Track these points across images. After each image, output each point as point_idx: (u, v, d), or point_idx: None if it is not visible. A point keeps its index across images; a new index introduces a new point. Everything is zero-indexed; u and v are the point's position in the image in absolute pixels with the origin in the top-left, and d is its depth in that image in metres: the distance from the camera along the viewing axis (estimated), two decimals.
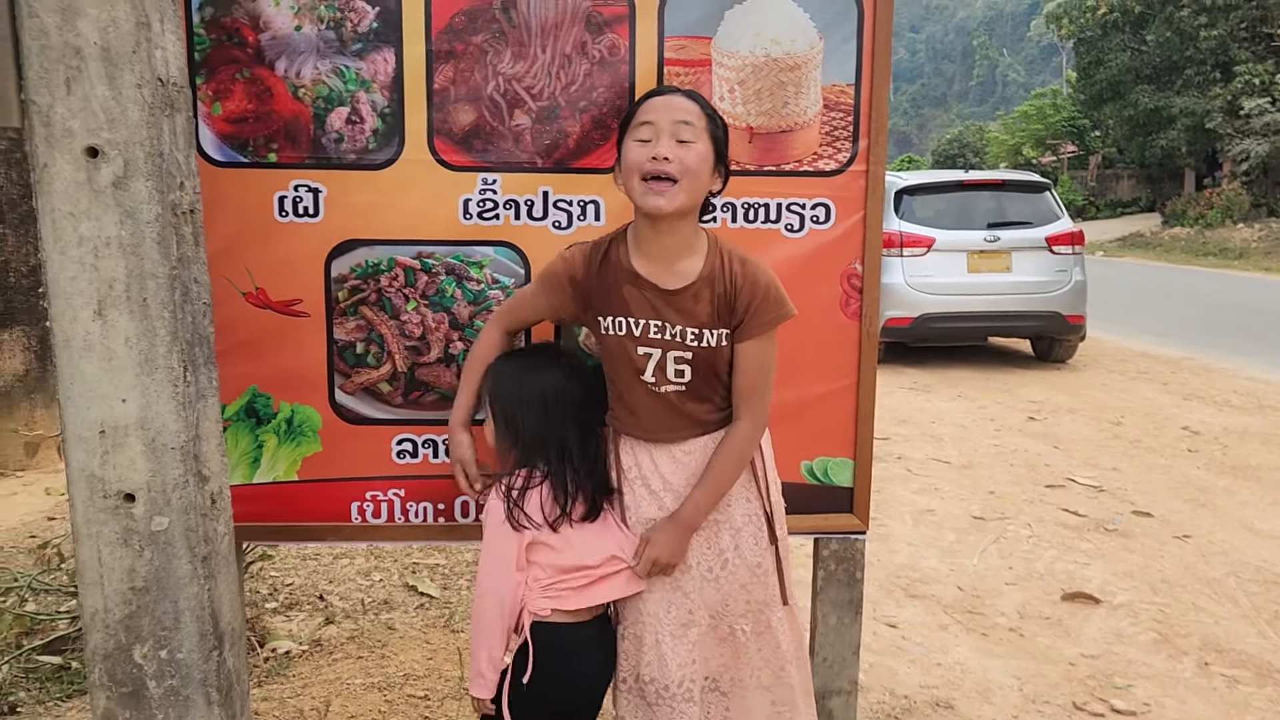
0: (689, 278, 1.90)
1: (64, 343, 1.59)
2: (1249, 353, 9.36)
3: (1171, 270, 19.33)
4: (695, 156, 1.82)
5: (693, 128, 1.82)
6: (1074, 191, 33.35)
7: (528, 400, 1.96)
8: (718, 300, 1.90)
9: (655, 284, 1.91)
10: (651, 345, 1.92)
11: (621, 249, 1.94)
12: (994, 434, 6.52)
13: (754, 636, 2.03)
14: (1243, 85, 25.73)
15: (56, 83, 1.54)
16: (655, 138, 1.81)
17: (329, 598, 3.62)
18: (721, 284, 1.90)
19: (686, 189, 1.81)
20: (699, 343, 1.91)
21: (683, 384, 1.95)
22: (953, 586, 3.94)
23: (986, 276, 8.56)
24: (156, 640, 1.68)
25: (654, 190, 1.80)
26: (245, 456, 2.20)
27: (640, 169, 1.81)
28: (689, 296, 1.90)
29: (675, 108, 1.83)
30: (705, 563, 2.00)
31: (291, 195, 2.12)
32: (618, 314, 1.93)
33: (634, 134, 1.84)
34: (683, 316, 1.91)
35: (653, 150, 1.80)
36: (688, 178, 1.81)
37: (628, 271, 1.92)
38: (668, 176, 1.79)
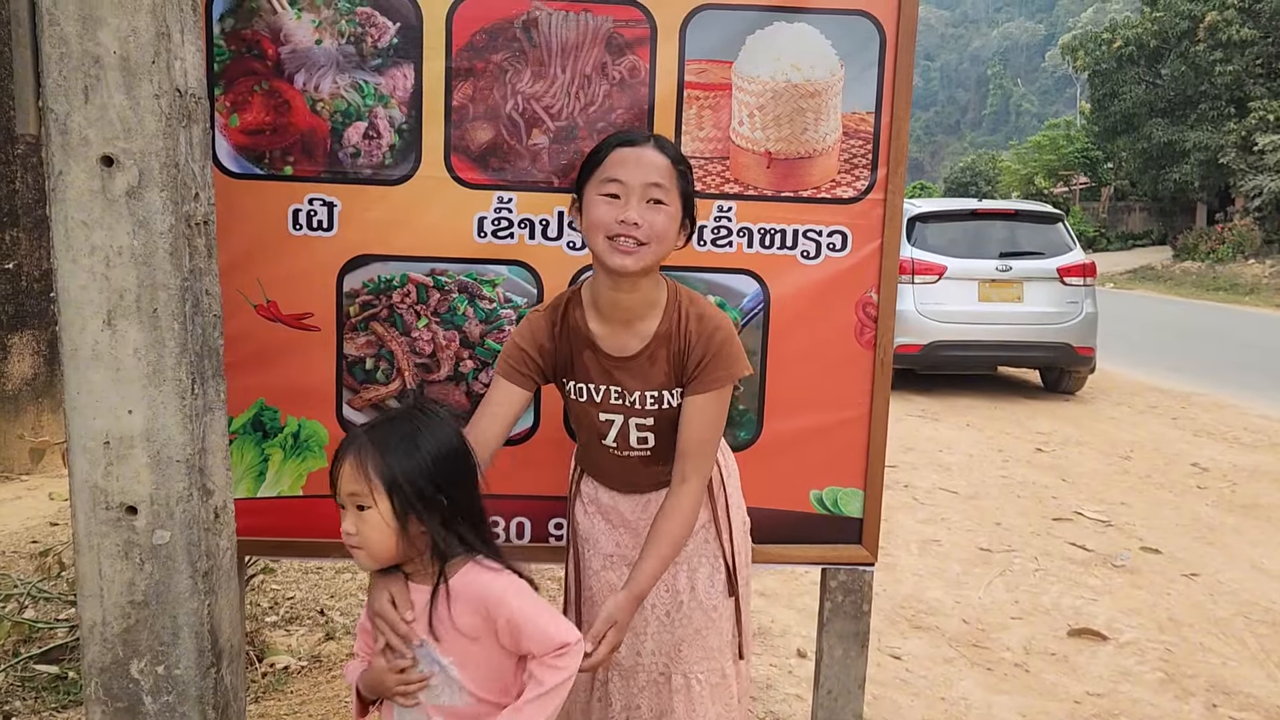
0: (644, 340, 1.83)
1: (72, 352, 1.58)
2: (1260, 389, 9.30)
3: (1182, 304, 19.28)
4: (665, 219, 1.74)
5: (664, 189, 1.73)
6: (1085, 223, 33.36)
7: None
8: (673, 359, 1.83)
9: (610, 353, 1.84)
10: (613, 411, 1.87)
11: (578, 311, 1.86)
12: (1001, 465, 6.48)
13: (709, 688, 1.94)
14: (1257, 121, 25.74)
15: (75, 91, 1.53)
16: (625, 197, 1.71)
17: (330, 613, 3.59)
18: (677, 341, 1.83)
19: (654, 252, 1.74)
20: (659, 406, 1.85)
21: (646, 450, 1.90)
22: (958, 619, 3.89)
23: (997, 306, 8.54)
24: (154, 655, 1.65)
25: (620, 250, 1.71)
26: (251, 470, 2.18)
27: (606, 229, 1.72)
28: (644, 359, 1.83)
29: (647, 166, 1.73)
30: (661, 604, 1.94)
31: (306, 209, 2.11)
32: (579, 380, 1.88)
33: (600, 187, 1.74)
34: (639, 381, 1.84)
35: (621, 212, 1.71)
36: (657, 241, 1.73)
37: (585, 337, 1.85)
38: (636, 240, 1.71)
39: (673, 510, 1.81)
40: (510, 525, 2.23)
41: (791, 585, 4.15)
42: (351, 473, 1.51)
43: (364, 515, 1.52)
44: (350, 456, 1.52)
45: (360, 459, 1.51)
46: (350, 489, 1.52)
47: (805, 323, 2.22)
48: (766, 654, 3.49)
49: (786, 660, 3.45)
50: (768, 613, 3.88)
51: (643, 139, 1.77)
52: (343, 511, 1.55)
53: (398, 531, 1.52)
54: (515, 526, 2.23)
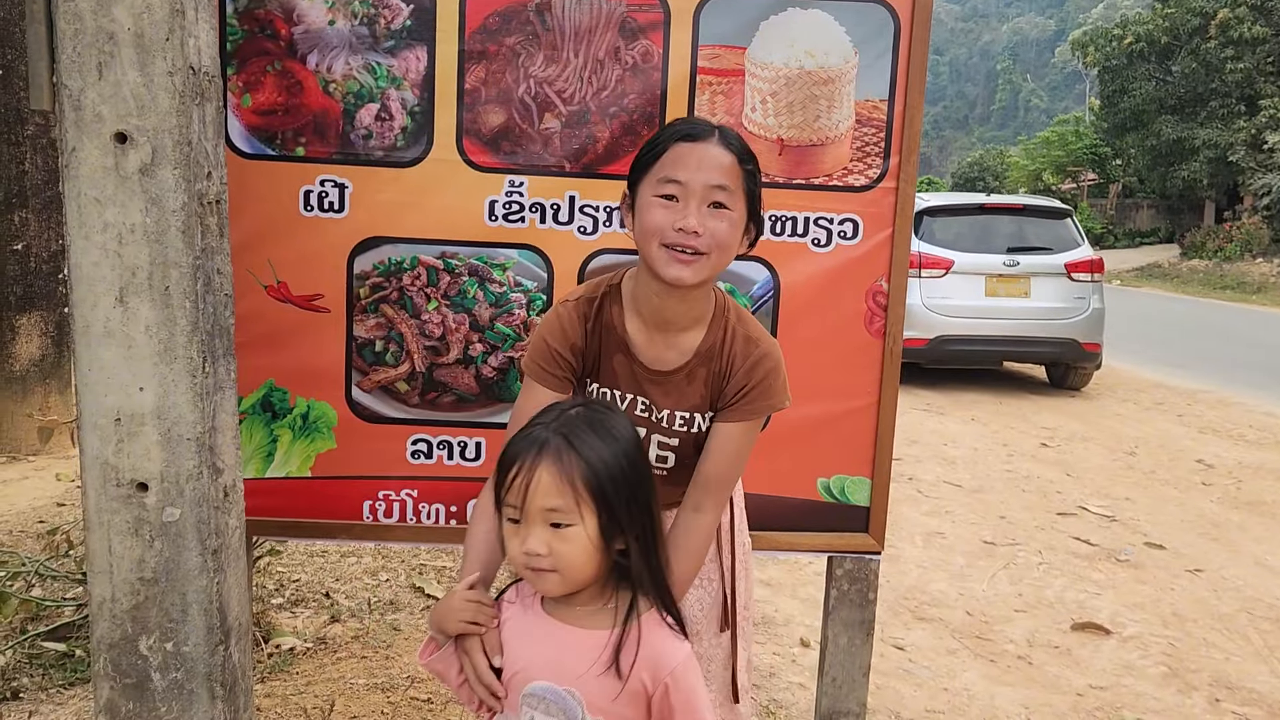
0: (685, 356, 1.68)
1: (84, 328, 1.58)
2: (1266, 387, 9.28)
3: (1189, 302, 19.22)
4: (728, 227, 1.56)
5: (728, 191, 1.55)
6: (1093, 220, 33.22)
7: None
8: (712, 380, 1.69)
9: (646, 364, 1.69)
10: (637, 423, 1.67)
11: (615, 309, 1.69)
12: (1006, 459, 6.47)
13: None
14: (1267, 119, 25.62)
15: (89, 67, 1.53)
16: (684, 200, 1.54)
17: (335, 596, 3.60)
18: (719, 362, 1.68)
19: (714, 263, 1.57)
20: (688, 428, 1.71)
21: (664, 469, 1.74)
22: (961, 611, 3.89)
23: (1004, 301, 8.52)
24: (163, 632, 1.66)
25: (678, 260, 1.54)
26: (259, 450, 2.19)
27: (662, 236, 1.55)
28: (682, 377, 1.69)
29: (711, 166, 1.54)
30: None
31: (318, 190, 2.11)
32: (604, 384, 1.72)
33: (657, 187, 1.56)
34: (672, 400, 1.69)
35: (680, 218, 1.53)
36: (718, 251, 1.56)
37: (619, 340, 1.69)
38: (695, 250, 1.55)
39: (688, 548, 1.66)
40: None
41: (795, 575, 4.16)
42: (553, 484, 1.30)
43: (563, 533, 1.31)
44: (550, 464, 1.31)
45: (564, 467, 1.31)
46: (550, 504, 1.30)
47: (815, 311, 2.22)
48: (770, 643, 3.50)
49: (790, 649, 3.46)
50: (772, 602, 3.88)
51: (706, 131, 1.58)
52: (515, 527, 1.34)
53: (602, 551, 1.33)
54: None
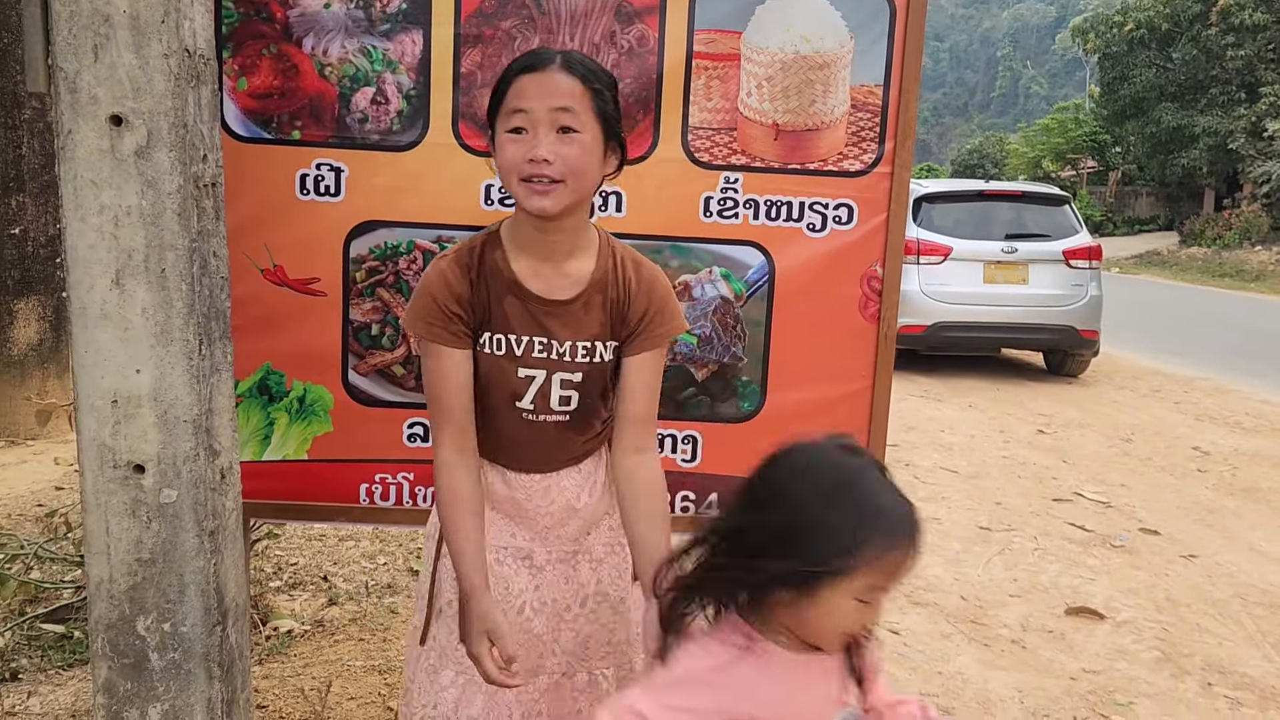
0: (579, 285, 1.65)
1: (80, 311, 1.59)
2: (1263, 375, 9.30)
3: (1187, 290, 19.23)
4: (580, 150, 1.53)
5: (575, 114, 1.53)
6: (1092, 207, 33.20)
7: None
8: (611, 307, 1.66)
9: (541, 295, 1.64)
10: (534, 366, 1.66)
11: (498, 253, 1.65)
12: (1003, 445, 6.49)
13: (615, 682, 1.78)
14: (1268, 107, 25.58)
15: (84, 50, 1.53)
16: (532, 129, 1.52)
17: (333, 579, 3.62)
18: (615, 288, 1.66)
19: (574, 188, 1.55)
20: (590, 359, 1.66)
21: (566, 412, 1.69)
22: (956, 596, 3.91)
23: (1002, 288, 8.52)
24: (160, 613, 1.67)
25: (536, 191, 1.53)
26: (256, 433, 2.20)
27: (517, 170, 1.53)
28: (579, 306, 1.65)
29: (551, 90, 1.52)
30: (562, 600, 1.74)
31: (314, 174, 2.11)
32: (496, 330, 1.65)
33: (506, 121, 1.55)
34: (571, 330, 1.65)
35: (529, 149, 1.52)
36: (573, 176, 1.54)
37: (508, 280, 1.63)
38: (550, 179, 1.53)
39: (656, 494, 1.66)
40: None
41: None
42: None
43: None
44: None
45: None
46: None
47: (810, 296, 2.22)
48: None
49: None
50: None
51: (547, 59, 1.55)
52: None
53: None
54: None
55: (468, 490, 1.64)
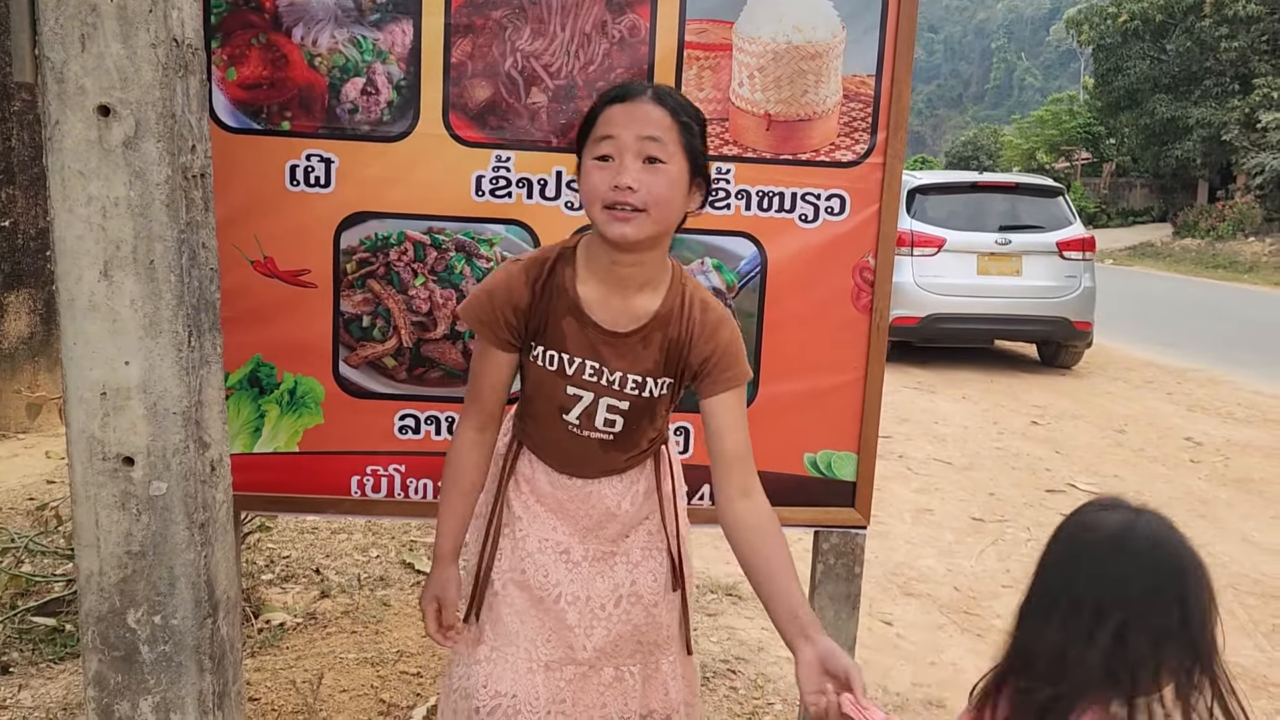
0: (641, 319, 1.65)
1: (68, 302, 1.58)
2: (1255, 366, 9.33)
3: (1181, 281, 19.27)
4: (665, 182, 1.54)
5: (662, 144, 1.53)
6: (1086, 199, 33.23)
7: None
8: (669, 345, 1.66)
9: (601, 325, 1.65)
10: (583, 387, 1.69)
11: (568, 271, 1.66)
12: (996, 437, 6.50)
13: (641, 680, 1.82)
14: (1261, 98, 25.60)
15: (71, 39, 1.52)
16: (618, 157, 1.53)
17: (325, 572, 3.61)
18: (676, 327, 1.66)
19: (656, 219, 1.54)
20: (639, 392, 1.69)
21: (610, 433, 1.73)
22: (949, 587, 3.92)
23: (996, 279, 8.54)
24: (151, 605, 1.66)
25: (618, 218, 1.53)
26: (247, 426, 2.19)
27: (601, 198, 1.54)
28: (637, 340, 1.66)
29: (641, 120, 1.53)
30: (596, 598, 1.78)
31: (303, 165, 2.10)
32: (551, 346, 1.68)
33: (593, 149, 1.56)
34: (626, 362, 1.67)
35: (614, 175, 1.52)
36: (657, 208, 1.54)
37: (571, 301, 1.65)
38: (633, 207, 1.53)
39: (771, 532, 1.62)
40: None
41: None
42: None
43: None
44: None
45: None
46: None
47: (802, 286, 2.22)
48: (759, 618, 3.52)
49: None
50: None
51: (639, 90, 1.57)
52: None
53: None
54: None
55: (471, 469, 1.75)
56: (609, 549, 1.80)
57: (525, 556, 1.78)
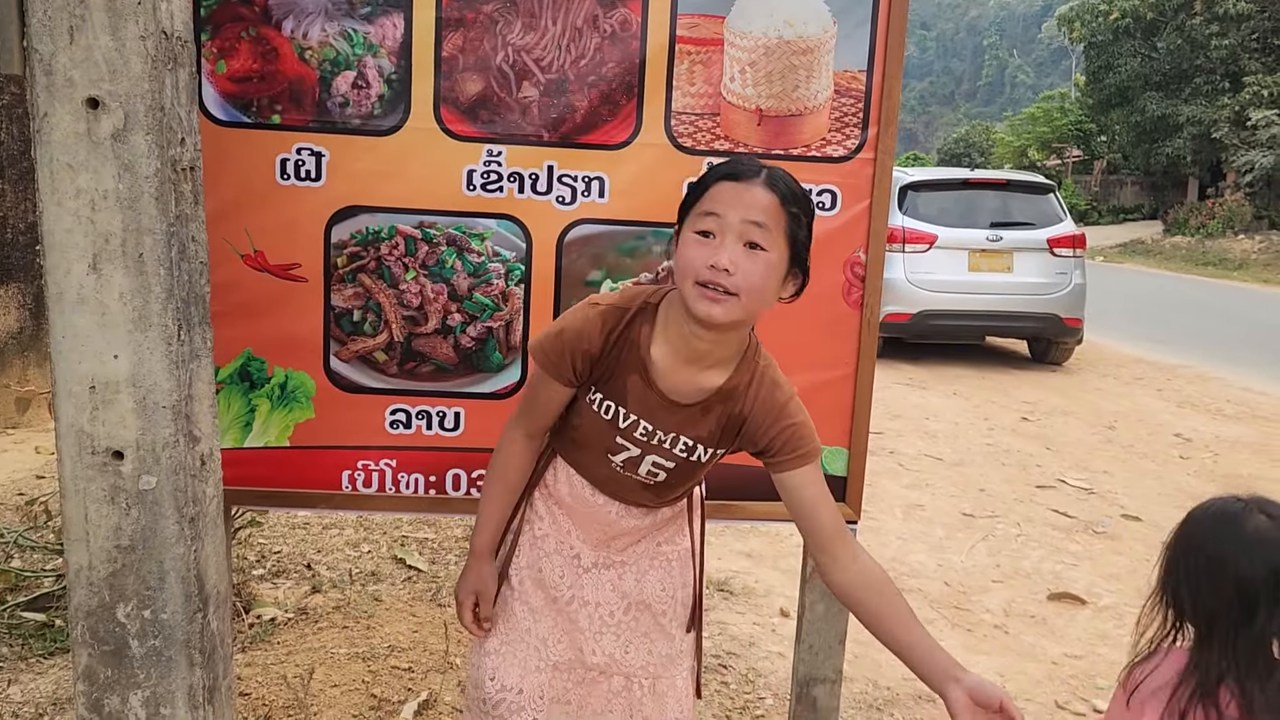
0: (705, 393, 1.63)
1: (57, 296, 1.57)
2: (1244, 363, 9.37)
3: (1171, 278, 19.34)
4: (764, 269, 1.50)
5: (767, 231, 1.49)
6: (1077, 196, 33.33)
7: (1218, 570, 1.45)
8: (727, 420, 1.65)
9: (667, 393, 1.63)
10: (633, 443, 1.68)
11: (645, 329, 1.63)
12: (987, 433, 6.52)
13: (654, 695, 1.82)
14: (1251, 96, 25.70)
15: (60, 31, 1.51)
16: (720, 235, 1.49)
17: (316, 567, 3.61)
18: (739, 403, 1.63)
19: (747, 305, 1.51)
20: (688, 455, 1.68)
21: (653, 481, 1.72)
22: (940, 582, 3.94)
23: (987, 276, 8.56)
24: (140, 599, 1.66)
25: (708, 297, 1.49)
26: (237, 420, 2.18)
27: (695, 274, 1.49)
28: (697, 411, 1.64)
29: (749, 203, 1.49)
30: (606, 604, 1.79)
31: (294, 158, 2.09)
32: (610, 397, 1.66)
33: (696, 223, 1.52)
34: (681, 427, 1.65)
35: (713, 255, 1.48)
36: (750, 294, 1.50)
37: (640, 360, 1.62)
38: (725, 290, 1.49)
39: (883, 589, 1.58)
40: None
41: (777, 547, 4.19)
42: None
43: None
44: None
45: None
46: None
47: None
48: (750, 613, 3.53)
49: (770, 619, 3.49)
50: (753, 573, 3.91)
51: (752, 171, 1.52)
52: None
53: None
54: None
55: (517, 468, 1.78)
56: (618, 559, 1.81)
57: (543, 555, 1.80)
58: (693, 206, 1.55)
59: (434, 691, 2.76)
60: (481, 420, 2.22)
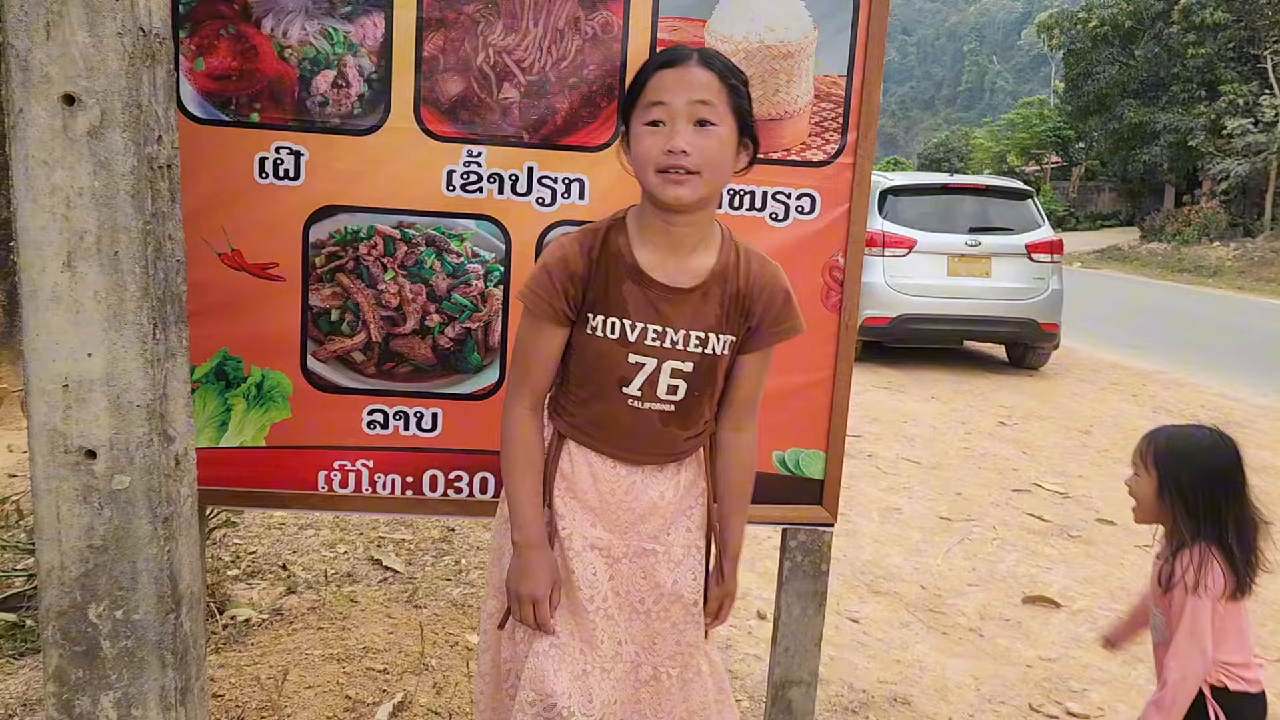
0: (699, 276, 1.67)
1: (31, 293, 1.56)
2: (1218, 369, 9.46)
3: (1147, 284, 19.50)
4: (717, 143, 1.58)
5: (713, 107, 1.57)
6: (1055, 202, 33.58)
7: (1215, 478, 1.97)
8: (728, 300, 1.69)
9: (664, 282, 1.67)
10: (646, 353, 1.68)
11: (621, 239, 1.68)
12: (964, 437, 6.56)
13: (680, 683, 1.80)
14: (1227, 105, 25.99)
15: (36, 27, 1.50)
16: (670, 121, 1.57)
17: (292, 567, 3.59)
18: (735, 282, 1.68)
19: (709, 180, 1.59)
20: (703, 349, 1.70)
21: (672, 402, 1.72)
22: (916, 585, 3.95)
23: (965, 280, 8.60)
24: (113, 600, 1.65)
25: (672, 180, 1.57)
26: (213, 420, 2.17)
27: (654, 162, 1.57)
28: (698, 296, 1.68)
29: (690, 84, 1.56)
30: (636, 593, 1.77)
31: (273, 157, 2.08)
32: (612, 314, 1.68)
33: (644, 114, 1.59)
34: (687, 319, 1.68)
35: (667, 140, 1.56)
36: (710, 169, 1.58)
37: (630, 266, 1.67)
38: (686, 170, 1.57)
39: (744, 464, 1.83)
40: (474, 480, 2.24)
41: (754, 549, 4.19)
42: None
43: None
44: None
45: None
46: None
47: None
48: None
49: (746, 621, 3.50)
50: None
51: (685, 55, 1.60)
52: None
53: None
54: (479, 481, 2.24)
55: (535, 447, 1.74)
56: (650, 545, 1.77)
57: (574, 555, 1.75)
58: (636, 101, 1.62)
59: (409, 693, 2.75)
60: (459, 421, 2.22)
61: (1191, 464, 1.98)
